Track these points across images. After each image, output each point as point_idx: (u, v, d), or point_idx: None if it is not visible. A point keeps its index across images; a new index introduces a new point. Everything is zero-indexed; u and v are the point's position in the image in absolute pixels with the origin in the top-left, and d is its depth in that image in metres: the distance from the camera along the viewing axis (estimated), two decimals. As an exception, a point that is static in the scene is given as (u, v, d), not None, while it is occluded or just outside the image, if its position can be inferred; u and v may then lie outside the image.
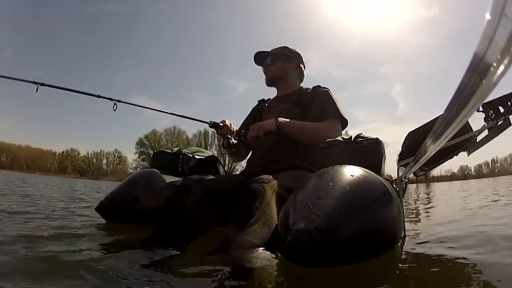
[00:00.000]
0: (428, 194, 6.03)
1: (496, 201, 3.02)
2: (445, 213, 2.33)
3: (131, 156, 39.69)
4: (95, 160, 40.60)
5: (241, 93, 50.11)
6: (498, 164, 41.40)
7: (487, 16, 0.26)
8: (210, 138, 36.03)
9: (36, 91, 1.44)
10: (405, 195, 1.14)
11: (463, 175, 39.98)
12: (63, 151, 41.33)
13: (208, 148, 35.61)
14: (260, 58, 1.63)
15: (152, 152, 35.99)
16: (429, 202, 3.85)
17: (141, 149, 36.78)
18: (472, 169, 42.03)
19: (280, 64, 1.59)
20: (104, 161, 40.72)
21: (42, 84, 1.45)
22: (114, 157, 40.47)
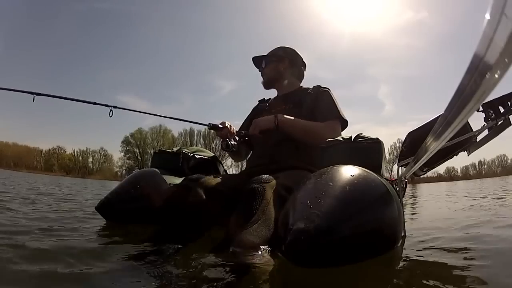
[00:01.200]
0: (425, 196, 6.03)
1: (496, 198, 3.02)
2: (445, 213, 2.33)
3: (117, 154, 39.83)
4: (81, 158, 40.08)
5: (227, 93, 49.72)
6: (485, 166, 41.43)
7: (487, 16, 0.26)
8: (195, 137, 36.13)
9: (33, 100, 1.47)
10: (405, 195, 1.14)
11: (450, 176, 39.89)
12: (49, 149, 40.88)
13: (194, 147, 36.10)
14: (258, 62, 1.66)
15: (138, 150, 35.43)
16: (423, 202, 3.85)
17: (127, 148, 36.58)
18: (459, 171, 42.10)
19: (273, 65, 1.61)
20: (90, 159, 40.26)
21: (38, 94, 1.48)
22: (100, 156, 40.08)
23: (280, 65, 1.60)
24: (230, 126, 1.54)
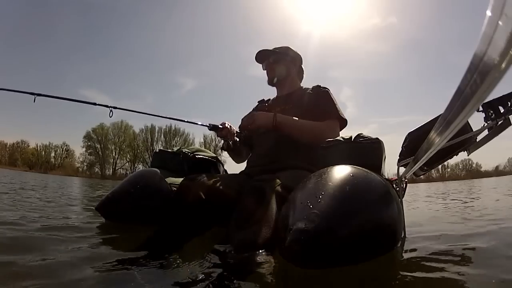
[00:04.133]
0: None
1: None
2: (444, 213, 2.33)
3: (78, 150, 38.24)
4: (44, 153, 38.52)
5: (189, 91, 48.73)
6: (449, 169, 41.48)
7: (487, 15, 0.26)
8: (156, 133, 35.36)
9: (34, 101, 1.49)
10: (405, 195, 1.14)
11: (412, 178, 39.95)
12: (13, 143, 38.94)
13: (155, 144, 35.07)
14: (263, 56, 1.62)
15: (99, 146, 34.48)
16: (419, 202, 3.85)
17: (89, 143, 35.65)
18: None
19: (284, 64, 1.59)
20: (53, 154, 38.64)
21: (39, 95, 1.51)
22: (62, 151, 38.52)
23: (291, 65, 1.60)
24: (230, 126, 1.54)
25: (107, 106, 1.53)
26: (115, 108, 1.54)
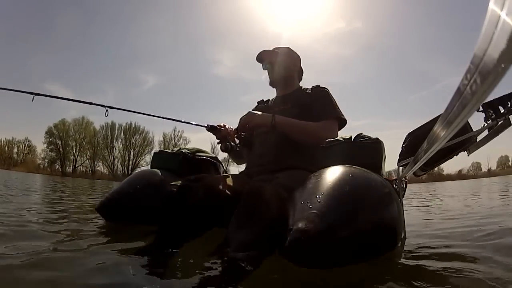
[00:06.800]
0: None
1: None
2: (444, 213, 2.33)
3: (40, 146, 36.02)
4: (7, 149, 36.24)
5: (150, 87, 46.93)
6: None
7: (488, 15, 0.26)
8: (116, 131, 34.53)
9: (32, 100, 1.50)
10: (404, 195, 1.14)
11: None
12: None
13: (114, 141, 34.39)
14: (264, 56, 1.61)
15: (60, 142, 33.29)
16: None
17: (50, 139, 34.37)
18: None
19: (285, 65, 1.59)
20: (15, 150, 36.64)
21: (38, 94, 1.53)
22: (25, 146, 36.48)
23: (292, 65, 1.60)
24: (228, 127, 1.54)
25: (102, 106, 1.53)
26: (110, 107, 1.54)
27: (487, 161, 35.33)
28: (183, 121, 1.71)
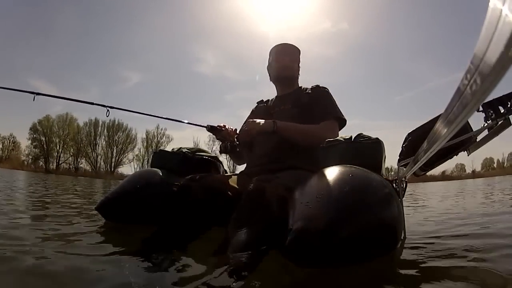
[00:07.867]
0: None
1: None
2: (443, 213, 2.33)
3: (24, 142, 35.43)
4: None
5: (134, 85, 46.07)
6: (393, 173, 41.36)
7: (488, 14, 0.26)
8: (100, 127, 34.02)
9: (33, 100, 1.50)
10: (404, 195, 1.14)
11: None
12: None
13: (98, 138, 34.14)
14: (284, 49, 1.58)
15: (44, 139, 32.85)
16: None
17: (34, 135, 33.88)
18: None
19: (298, 65, 1.60)
20: (0, 146, 35.74)
21: (39, 94, 1.52)
22: (9, 142, 35.60)
23: (297, 65, 1.60)
24: (229, 128, 1.53)
25: (103, 106, 1.53)
26: (111, 107, 1.54)
27: (471, 162, 35.32)
28: (186, 122, 1.70)
